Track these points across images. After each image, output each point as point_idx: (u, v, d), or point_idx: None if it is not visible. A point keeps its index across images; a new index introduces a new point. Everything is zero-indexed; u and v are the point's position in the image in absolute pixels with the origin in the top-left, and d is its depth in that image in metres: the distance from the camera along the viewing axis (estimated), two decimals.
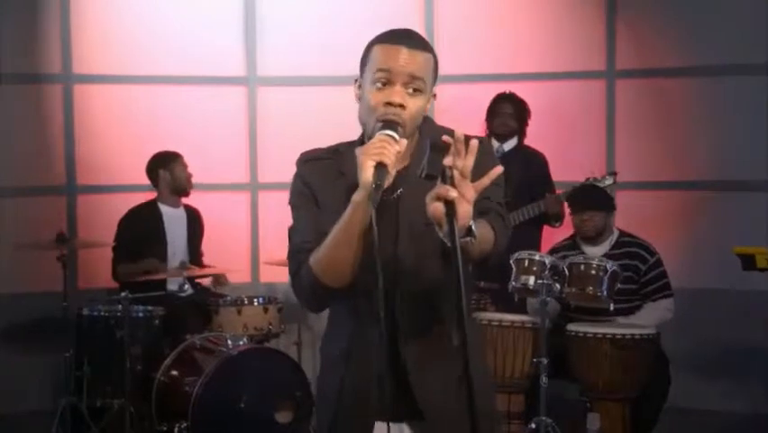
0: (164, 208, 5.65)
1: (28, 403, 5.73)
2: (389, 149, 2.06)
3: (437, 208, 1.86)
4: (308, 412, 4.57)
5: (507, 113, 5.71)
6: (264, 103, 6.35)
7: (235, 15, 6.35)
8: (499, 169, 1.97)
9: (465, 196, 1.87)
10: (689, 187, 6.07)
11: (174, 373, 4.79)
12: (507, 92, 5.79)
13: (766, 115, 5.85)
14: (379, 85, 2.16)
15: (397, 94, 2.15)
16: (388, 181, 2.05)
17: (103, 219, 5.85)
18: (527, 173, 5.50)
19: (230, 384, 4.53)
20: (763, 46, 5.83)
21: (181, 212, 5.71)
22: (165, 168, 5.63)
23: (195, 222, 5.76)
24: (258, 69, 6.34)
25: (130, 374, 4.84)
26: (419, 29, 6.22)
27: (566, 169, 5.83)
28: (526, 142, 5.76)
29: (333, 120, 5.85)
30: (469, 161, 1.88)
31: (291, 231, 2.29)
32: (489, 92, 5.86)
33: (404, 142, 2.11)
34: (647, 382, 4.65)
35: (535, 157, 5.69)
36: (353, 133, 2.33)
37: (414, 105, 2.16)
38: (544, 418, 4.33)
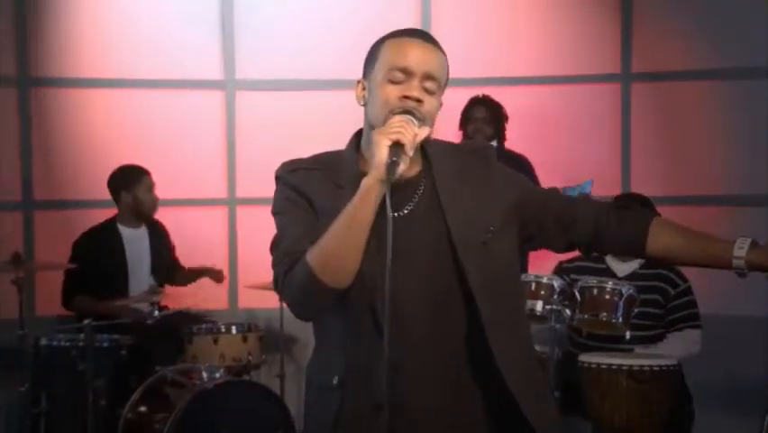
0: (124, 230, 5.63)
1: None
2: (408, 129, 2.08)
3: None
4: None
5: (480, 117, 5.86)
6: (243, 109, 6.34)
7: (211, 12, 6.34)
8: None
9: None
10: (710, 202, 6.05)
11: (142, 409, 4.77)
12: (481, 95, 5.93)
13: None
14: (394, 81, 2.18)
15: (415, 88, 2.17)
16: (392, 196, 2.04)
17: (63, 238, 5.80)
18: None
19: (205, 422, 4.54)
20: None
21: (143, 232, 5.68)
22: (127, 189, 5.60)
23: (159, 238, 5.74)
24: (236, 72, 6.33)
25: (93, 411, 4.83)
26: None
27: (578, 177, 5.83)
28: (508, 145, 5.90)
29: (319, 127, 5.92)
30: None
31: (278, 237, 2.23)
32: (498, 96, 5.93)
33: (426, 129, 2.15)
34: (668, 418, 4.64)
35: (520, 161, 5.75)
36: (341, 141, 2.32)
37: (430, 103, 2.19)
38: None
